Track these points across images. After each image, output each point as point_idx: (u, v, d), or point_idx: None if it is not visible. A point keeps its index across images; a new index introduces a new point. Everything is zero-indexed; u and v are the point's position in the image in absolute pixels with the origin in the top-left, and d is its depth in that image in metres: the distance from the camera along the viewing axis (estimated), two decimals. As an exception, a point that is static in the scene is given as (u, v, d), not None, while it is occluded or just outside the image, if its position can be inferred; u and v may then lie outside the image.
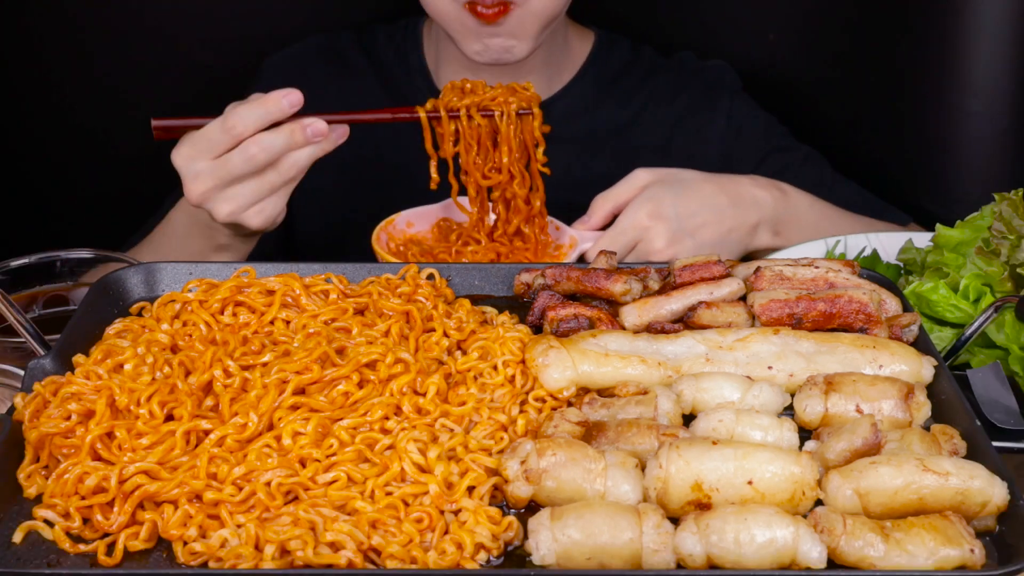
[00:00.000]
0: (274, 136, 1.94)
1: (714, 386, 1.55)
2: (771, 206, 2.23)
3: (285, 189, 2.01)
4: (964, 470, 1.36)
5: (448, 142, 2.09)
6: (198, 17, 2.75)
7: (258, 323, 1.66)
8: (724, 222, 2.17)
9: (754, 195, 2.22)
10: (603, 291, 1.75)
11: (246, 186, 1.96)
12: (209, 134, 1.94)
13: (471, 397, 1.55)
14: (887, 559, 1.29)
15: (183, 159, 1.96)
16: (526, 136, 2.09)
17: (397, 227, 2.21)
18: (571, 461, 1.39)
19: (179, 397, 1.49)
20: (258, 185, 1.97)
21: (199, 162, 1.95)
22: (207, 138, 1.94)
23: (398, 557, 1.31)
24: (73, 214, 2.85)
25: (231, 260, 2.16)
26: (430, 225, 2.23)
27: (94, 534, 1.36)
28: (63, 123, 2.81)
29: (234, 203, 1.97)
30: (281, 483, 1.38)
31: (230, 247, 2.15)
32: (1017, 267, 1.83)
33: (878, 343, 1.62)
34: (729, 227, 2.17)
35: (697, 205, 2.15)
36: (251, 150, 1.93)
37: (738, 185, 2.22)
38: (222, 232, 2.10)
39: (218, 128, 1.93)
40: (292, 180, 2.00)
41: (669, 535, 1.32)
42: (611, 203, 2.17)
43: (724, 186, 2.20)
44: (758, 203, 2.22)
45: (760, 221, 2.21)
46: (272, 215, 2.01)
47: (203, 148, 1.94)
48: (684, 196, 2.16)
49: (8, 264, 2.00)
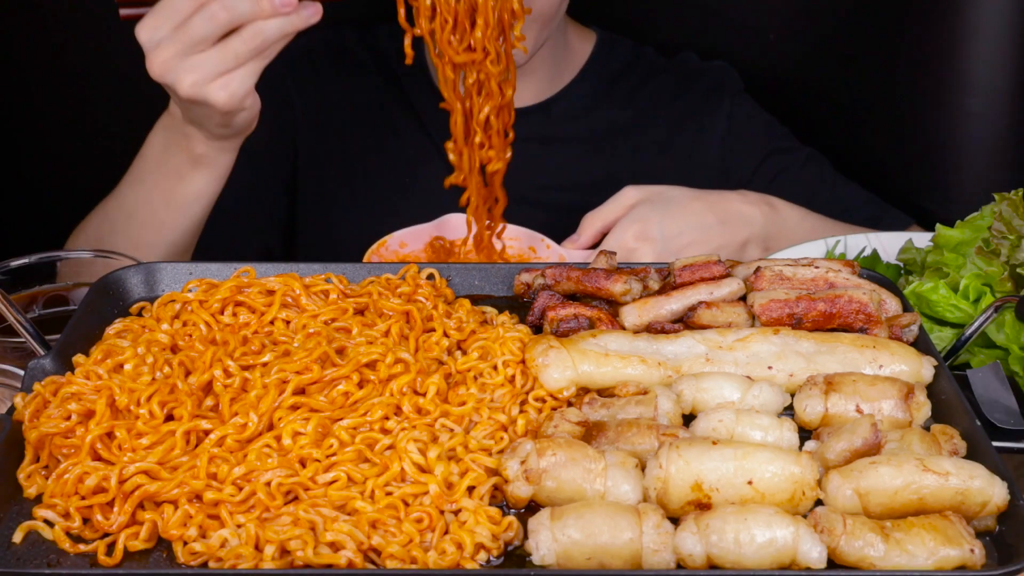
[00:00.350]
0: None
1: (714, 386, 1.55)
2: (760, 223, 2.22)
3: (252, 64, 1.90)
4: (964, 470, 1.36)
5: (424, 16, 1.97)
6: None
7: (258, 323, 1.66)
8: (711, 241, 2.17)
9: (743, 212, 2.21)
10: (603, 291, 1.75)
11: (209, 54, 1.87)
12: (173, 2, 1.86)
13: (471, 397, 1.55)
14: (887, 559, 1.29)
15: (147, 31, 1.88)
16: (504, 12, 1.98)
17: (389, 248, 2.17)
18: (571, 461, 1.39)
19: (179, 397, 1.49)
20: (221, 54, 1.87)
21: (161, 30, 1.87)
22: (171, 5, 1.86)
23: (398, 557, 1.31)
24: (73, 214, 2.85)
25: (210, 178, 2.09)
26: (423, 244, 2.19)
27: (94, 534, 1.36)
28: (64, 123, 2.81)
29: (196, 72, 1.86)
30: (281, 483, 1.38)
31: (206, 158, 2.06)
32: (1017, 267, 1.83)
33: (878, 343, 1.62)
34: (717, 245, 2.17)
35: (683, 225, 2.15)
36: (212, 8, 1.84)
37: (727, 202, 2.21)
38: (197, 137, 2.02)
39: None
40: (260, 55, 1.90)
41: (669, 535, 1.32)
42: (600, 222, 2.17)
43: (712, 204, 2.20)
44: (747, 220, 2.21)
45: (749, 238, 2.21)
46: (238, 92, 1.90)
47: (166, 15, 1.86)
48: (670, 216, 2.15)
49: (8, 264, 2.00)
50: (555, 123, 2.49)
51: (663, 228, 2.13)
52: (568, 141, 2.51)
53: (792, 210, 2.28)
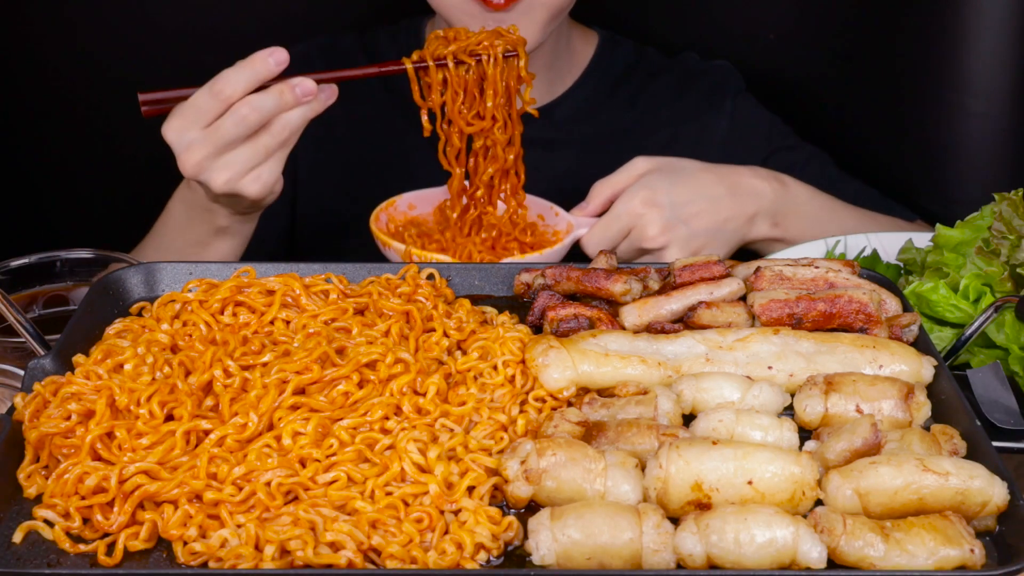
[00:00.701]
0: (264, 96, 1.90)
1: (714, 386, 1.55)
2: (770, 197, 2.23)
3: (280, 153, 1.96)
4: (964, 470, 1.36)
5: (436, 91, 2.05)
6: (200, 18, 2.75)
7: (258, 323, 1.66)
8: (720, 211, 2.17)
9: (753, 186, 2.22)
10: (603, 291, 1.75)
11: (240, 151, 1.92)
12: (198, 102, 1.90)
13: (471, 397, 1.55)
14: (887, 559, 1.29)
15: (174, 132, 1.92)
16: (511, 79, 2.06)
17: (398, 209, 2.21)
18: (571, 461, 1.39)
19: (179, 397, 1.49)
20: (252, 150, 1.92)
21: (190, 132, 1.91)
22: (196, 106, 1.90)
23: (398, 557, 1.31)
24: (73, 214, 2.85)
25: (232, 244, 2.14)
26: (432, 208, 2.23)
27: (94, 534, 1.36)
28: (63, 123, 2.81)
29: (230, 170, 1.92)
30: (281, 483, 1.38)
31: (230, 229, 2.11)
32: (1017, 267, 1.83)
33: (878, 343, 1.62)
34: (725, 217, 2.17)
35: (693, 193, 2.16)
36: (242, 111, 1.89)
37: (737, 175, 2.23)
38: (221, 212, 2.06)
39: (207, 94, 1.89)
40: (286, 144, 1.96)
41: (669, 535, 1.32)
42: (609, 189, 2.18)
43: (722, 176, 2.21)
44: (756, 194, 2.22)
45: (758, 212, 2.21)
46: (269, 182, 1.96)
47: (193, 117, 1.90)
48: (680, 184, 2.16)
49: (8, 264, 2.00)
50: (558, 127, 2.48)
51: (672, 195, 2.14)
52: (571, 144, 2.51)
53: (802, 188, 2.29)
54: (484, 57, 2.05)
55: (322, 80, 1.96)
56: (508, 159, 2.11)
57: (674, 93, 2.58)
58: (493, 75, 2.05)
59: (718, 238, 2.17)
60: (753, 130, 2.56)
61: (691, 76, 2.61)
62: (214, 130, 1.90)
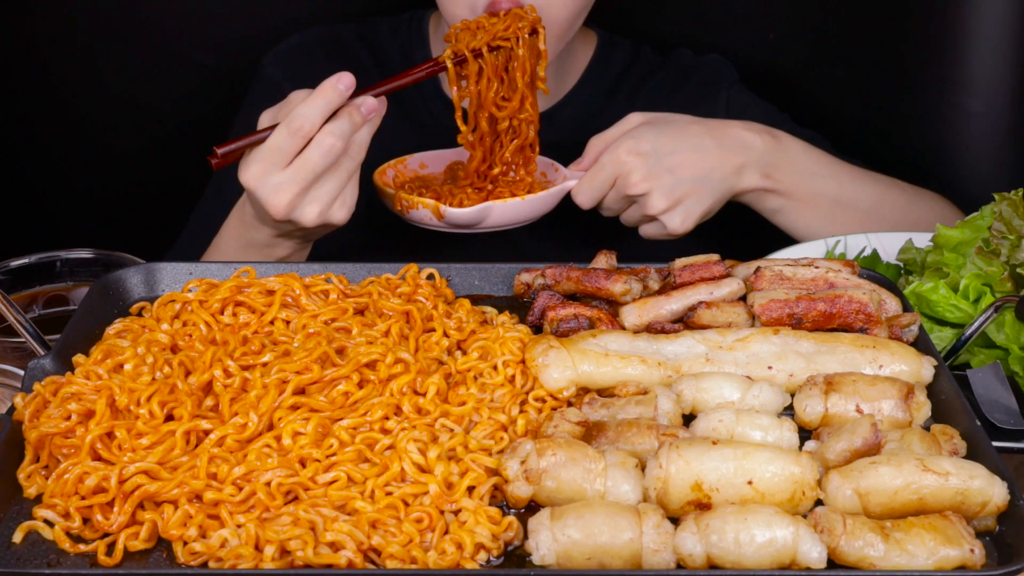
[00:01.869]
0: (340, 123, 1.90)
1: (714, 386, 1.55)
2: (760, 149, 2.22)
3: (356, 174, 1.97)
4: (964, 470, 1.36)
5: (472, 81, 2.09)
6: (198, 16, 2.74)
7: (258, 323, 1.66)
8: (705, 161, 2.17)
9: (742, 138, 2.22)
10: (603, 291, 1.75)
11: (326, 183, 1.92)
12: (277, 143, 1.88)
13: (471, 397, 1.55)
14: (887, 559, 1.29)
15: (255, 178, 1.90)
16: (532, 57, 2.12)
17: (408, 166, 2.24)
18: (571, 461, 1.39)
19: (179, 397, 1.49)
20: (336, 177, 1.92)
21: (274, 175, 1.89)
22: (275, 148, 1.88)
23: (398, 557, 1.31)
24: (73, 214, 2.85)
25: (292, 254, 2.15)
26: (443, 167, 2.26)
27: (94, 534, 1.36)
28: (63, 123, 2.81)
29: (320, 203, 1.92)
30: (281, 483, 1.38)
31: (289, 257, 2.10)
32: (1017, 267, 1.83)
33: (878, 343, 1.62)
34: (711, 166, 2.17)
35: (678, 144, 2.17)
36: (327, 142, 1.88)
37: (727, 127, 2.23)
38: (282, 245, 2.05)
39: (285, 134, 1.88)
40: (359, 164, 1.97)
41: (669, 535, 1.32)
42: (602, 144, 2.20)
43: (711, 128, 2.21)
44: (746, 145, 2.22)
45: (746, 163, 2.21)
46: (352, 203, 1.97)
47: (274, 160, 1.89)
48: (666, 134, 2.17)
49: (8, 264, 2.00)
50: (559, 130, 2.48)
51: (657, 145, 2.15)
52: (573, 148, 2.50)
53: (796, 142, 2.28)
54: (513, 39, 2.08)
55: (377, 94, 1.98)
56: (530, 134, 2.15)
57: (669, 90, 2.58)
58: (523, 57, 2.08)
59: (704, 187, 2.17)
60: (750, 119, 2.56)
61: (685, 72, 2.61)
62: (300, 167, 1.89)
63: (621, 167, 2.14)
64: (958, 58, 2.41)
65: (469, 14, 2.19)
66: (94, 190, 2.86)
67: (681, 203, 2.14)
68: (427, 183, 2.23)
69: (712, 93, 2.57)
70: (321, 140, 1.88)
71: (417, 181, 2.22)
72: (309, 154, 1.88)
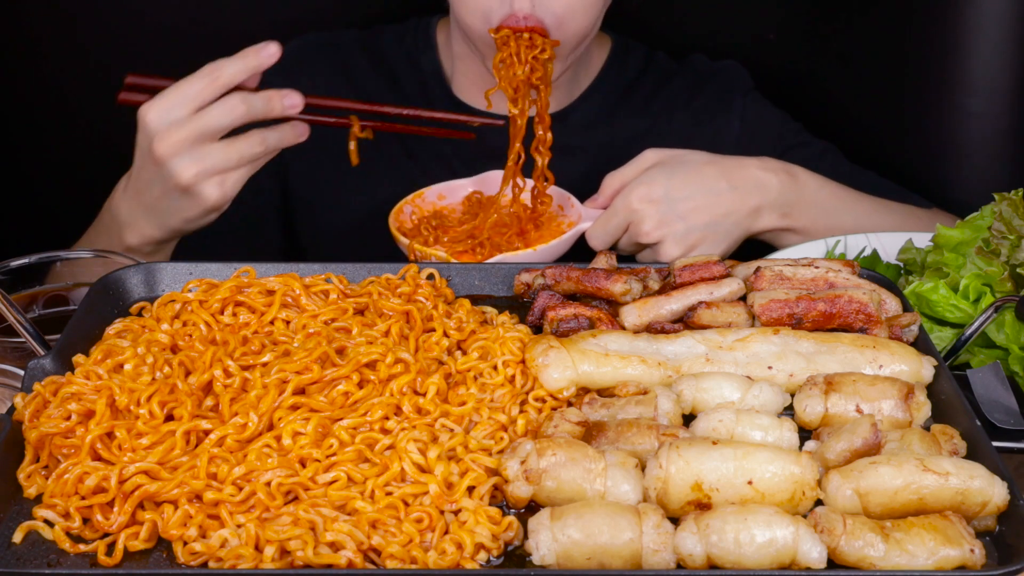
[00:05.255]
0: (255, 96, 1.93)
1: (714, 386, 1.55)
2: (777, 190, 2.21)
3: (247, 169, 1.97)
4: (964, 470, 1.36)
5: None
6: (199, 17, 2.74)
7: (258, 323, 1.66)
8: (719, 206, 2.17)
9: (758, 178, 2.21)
10: (603, 291, 1.75)
11: (216, 148, 1.92)
12: (188, 84, 1.90)
13: (471, 397, 1.55)
14: (887, 559, 1.29)
15: (156, 112, 1.91)
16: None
17: (427, 199, 2.23)
18: (571, 461, 1.39)
19: (179, 397, 1.49)
20: (227, 151, 1.92)
21: (176, 112, 1.90)
22: (184, 89, 1.90)
23: (398, 557, 1.31)
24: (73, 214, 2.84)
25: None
26: (461, 198, 2.26)
27: (94, 534, 1.36)
28: (63, 123, 2.81)
29: (202, 163, 1.92)
30: (281, 483, 1.38)
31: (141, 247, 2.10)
32: (1017, 267, 1.83)
33: (878, 343, 1.62)
34: (724, 211, 2.16)
35: (691, 188, 2.16)
36: (232, 101, 1.90)
37: (743, 168, 2.21)
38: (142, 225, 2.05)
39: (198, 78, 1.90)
40: (254, 161, 1.97)
41: (669, 535, 1.32)
42: (618, 182, 2.20)
43: (727, 170, 2.20)
44: (762, 186, 2.20)
45: (762, 204, 2.20)
46: (230, 192, 1.96)
47: (179, 101, 1.90)
48: (678, 178, 2.16)
49: (8, 264, 2.00)
50: (572, 132, 2.48)
51: (669, 190, 2.14)
52: (585, 150, 2.50)
53: (812, 178, 2.27)
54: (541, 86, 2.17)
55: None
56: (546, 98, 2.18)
57: (685, 97, 2.58)
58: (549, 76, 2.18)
59: (717, 232, 2.16)
60: (764, 128, 2.56)
61: (700, 79, 2.60)
62: (199, 117, 1.90)
63: (633, 215, 2.14)
64: (958, 58, 2.41)
65: (483, 25, 2.19)
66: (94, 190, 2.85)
67: (694, 250, 2.14)
68: (444, 222, 2.21)
69: (727, 101, 2.57)
70: (227, 98, 1.91)
71: (434, 219, 2.21)
72: (212, 108, 1.90)
